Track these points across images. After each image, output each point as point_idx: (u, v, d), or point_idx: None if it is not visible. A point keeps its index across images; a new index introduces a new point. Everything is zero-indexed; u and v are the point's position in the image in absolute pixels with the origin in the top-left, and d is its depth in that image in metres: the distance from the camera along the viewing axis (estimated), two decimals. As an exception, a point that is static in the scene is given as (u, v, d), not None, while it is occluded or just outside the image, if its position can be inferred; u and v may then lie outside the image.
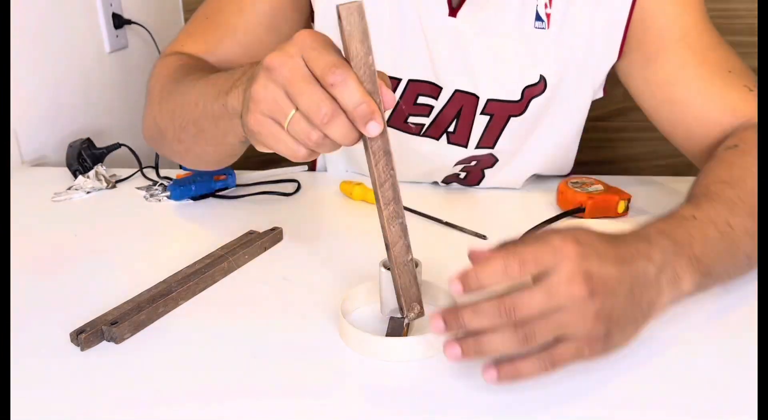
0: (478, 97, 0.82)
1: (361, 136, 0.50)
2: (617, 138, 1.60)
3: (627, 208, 0.82)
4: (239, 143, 0.64)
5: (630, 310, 0.50)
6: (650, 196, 0.88)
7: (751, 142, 0.69)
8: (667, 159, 1.53)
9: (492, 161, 0.88)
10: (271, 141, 0.52)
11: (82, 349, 0.57)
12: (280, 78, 0.49)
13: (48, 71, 1.15)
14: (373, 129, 0.48)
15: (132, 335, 0.59)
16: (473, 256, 0.50)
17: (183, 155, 0.74)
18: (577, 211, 0.81)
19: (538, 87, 0.81)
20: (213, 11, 0.83)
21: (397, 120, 0.85)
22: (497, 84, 0.81)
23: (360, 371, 0.55)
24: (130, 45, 1.39)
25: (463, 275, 0.48)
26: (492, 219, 0.84)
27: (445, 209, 0.83)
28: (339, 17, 0.46)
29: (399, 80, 0.82)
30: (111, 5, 1.30)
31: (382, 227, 0.53)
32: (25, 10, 1.08)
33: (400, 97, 0.83)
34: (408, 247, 0.54)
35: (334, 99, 0.48)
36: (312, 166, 1.05)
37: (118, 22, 1.32)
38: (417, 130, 0.84)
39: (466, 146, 0.85)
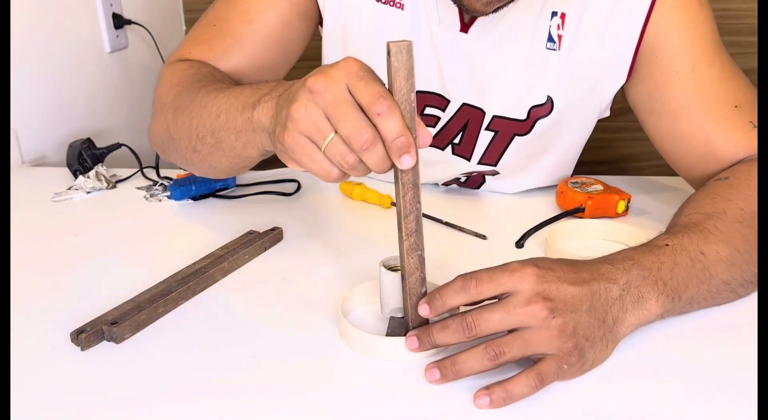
0: (484, 112, 0.82)
1: (393, 167, 0.51)
2: (617, 138, 1.60)
3: (627, 208, 0.82)
4: (257, 156, 0.65)
5: (595, 326, 0.52)
6: (650, 196, 0.88)
7: (743, 174, 0.70)
8: (667, 159, 1.53)
9: (493, 173, 0.88)
10: (306, 160, 0.53)
11: (82, 349, 0.57)
12: (322, 101, 0.50)
13: (48, 71, 1.15)
14: (407, 162, 0.49)
15: (132, 335, 0.59)
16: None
17: (195, 164, 0.74)
18: (577, 211, 0.81)
19: (545, 108, 0.80)
20: (220, 19, 0.82)
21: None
22: (504, 101, 0.81)
23: (360, 371, 0.55)
24: (130, 45, 1.40)
25: (429, 297, 0.54)
26: (492, 219, 0.84)
27: (445, 209, 0.83)
28: (388, 53, 0.48)
29: None
30: (111, 5, 1.30)
31: (401, 257, 0.55)
32: (25, 10, 1.08)
33: None
34: (423, 280, 0.55)
35: (375, 128, 0.49)
36: None
37: (118, 22, 1.32)
38: None
39: (469, 159, 0.86)
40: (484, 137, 0.83)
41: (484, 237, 0.77)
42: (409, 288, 0.55)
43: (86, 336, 0.57)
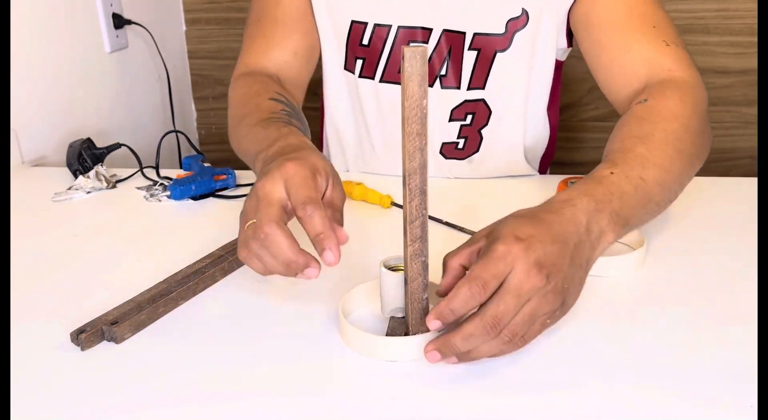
0: (464, 34, 0.88)
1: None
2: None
3: (627, 208, 0.82)
4: None
5: (576, 275, 0.56)
6: (650, 196, 0.88)
7: (658, 94, 0.76)
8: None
9: (486, 115, 0.92)
10: (241, 248, 0.58)
11: (82, 349, 0.57)
12: (251, 206, 0.58)
13: (48, 71, 1.15)
14: (328, 257, 0.54)
15: (132, 335, 0.59)
16: (442, 293, 0.56)
17: None
18: (577, 211, 0.81)
19: (521, 20, 0.87)
20: (259, 15, 0.92)
21: (392, 72, 0.92)
22: (482, 17, 0.87)
23: (360, 371, 0.55)
24: (130, 45, 1.40)
25: (438, 313, 0.53)
26: (492, 219, 0.83)
27: (444, 209, 0.83)
28: (402, 58, 0.49)
29: (389, 27, 0.89)
30: (111, 5, 1.30)
31: (405, 262, 0.55)
32: (25, 10, 1.08)
33: (392, 46, 0.90)
34: (426, 286, 0.56)
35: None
36: None
37: (118, 22, 1.32)
38: None
39: (458, 87, 0.91)
40: (469, 58, 0.89)
41: (484, 237, 0.77)
42: (411, 293, 0.55)
43: (86, 336, 0.57)
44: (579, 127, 1.68)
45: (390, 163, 0.97)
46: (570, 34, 0.90)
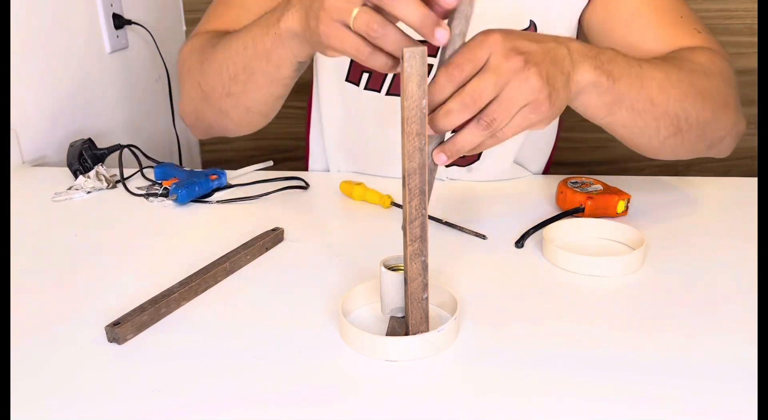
0: None
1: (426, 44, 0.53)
2: (617, 138, 1.60)
3: (627, 208, 0.82)
4: (291, 73, 0.69)
5: (559, 76, 0.57)
6: (650, 196, 0.88)
7: (687, 51, 0.78)
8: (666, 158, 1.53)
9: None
10: (338, 43, 0.57)
11: (84, 350, 0.57)
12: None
13: (48, 71, 1.15)
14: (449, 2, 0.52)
15: (134, 336, 0.59)
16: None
17: (230, 112, 0.78)
18: (576, 211, 0.81)
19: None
20: None
21: (398, 85, 0.88)
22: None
23: (360, 371, 0.55)
24: (130, 45, 1.40)
25: (440, 147, 0.56)
26: (492, 219, 0.84)
27: (444, 209, 0.84)
28: (402, 58, 0.49)
29: None
30: (111, 5, 1.30)
31: (404, 262, 0.55)
32: (25, 10, 1.08)
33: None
34: (425, 286, 0.56)
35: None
36: (305, 166, 1.06)
37: (118, 22, 1.32)
38: None
39: None
40: None
41: (484, 237, 0.77)
42: (410, 293, 0.55)
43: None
44: (579, 127, 1.67)
45: (387, 171, 0.96)
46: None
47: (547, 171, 1.07)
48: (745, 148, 1.67)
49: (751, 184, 0.90)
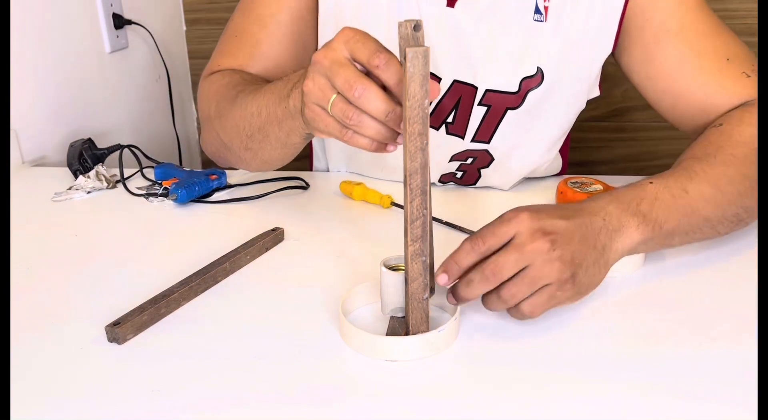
0: (476, 88, 0.83)
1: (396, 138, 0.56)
2: (617, 138, 1.60)
3: (627, 208, 0.82)
4: (301, 141, 0.71)
5: (588, 254, 0.57)
6: (650, 196, 0.88)
7: (735, 120, 0.74)
8: (667, 159, 1.53)
9: (488, 160, 0.89)
10: (322, 126, 0.58)
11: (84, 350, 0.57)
12: (323, 69, 0.55)
13: (48, 71, 1.15)
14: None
15: (134, 336, 0.59)
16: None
17: (249, 161, 0.81)
18: (576, 211, 0.81)
19: (535, 79, 0.82)
20: (239, 30, 0.87)
21: None
22: (495, 75, 0.82)
23: (360, 371, 0.55)
24: (130, 45, 1.40)
25: (445, 266, 0.57)
26: (492, 219, 0.84)
27: (444, 209, 0.84)
28: (404, 58, 0.49)
29: None
30: (111, 5, 1.30)
31: (405, 262, 0.55)
32: (25, 10, 1.08)
33: None
34: (426, 286, 0.56)
35: (379, 78, 0.53)
36: (306, 166, 1.06)
37: (118, 22, 1.32)
38: None
39: (463, 137, 0.86)
40: (477, 113, 0.84)
41: (484, 237, 0.77)
42: (411, 293, 0.55)
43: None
44: (578, 127, 1.67)
45: (385, 175, 0.95)
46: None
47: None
48: (744, 148, 1.67)
49: (751, 184, 0.90)
